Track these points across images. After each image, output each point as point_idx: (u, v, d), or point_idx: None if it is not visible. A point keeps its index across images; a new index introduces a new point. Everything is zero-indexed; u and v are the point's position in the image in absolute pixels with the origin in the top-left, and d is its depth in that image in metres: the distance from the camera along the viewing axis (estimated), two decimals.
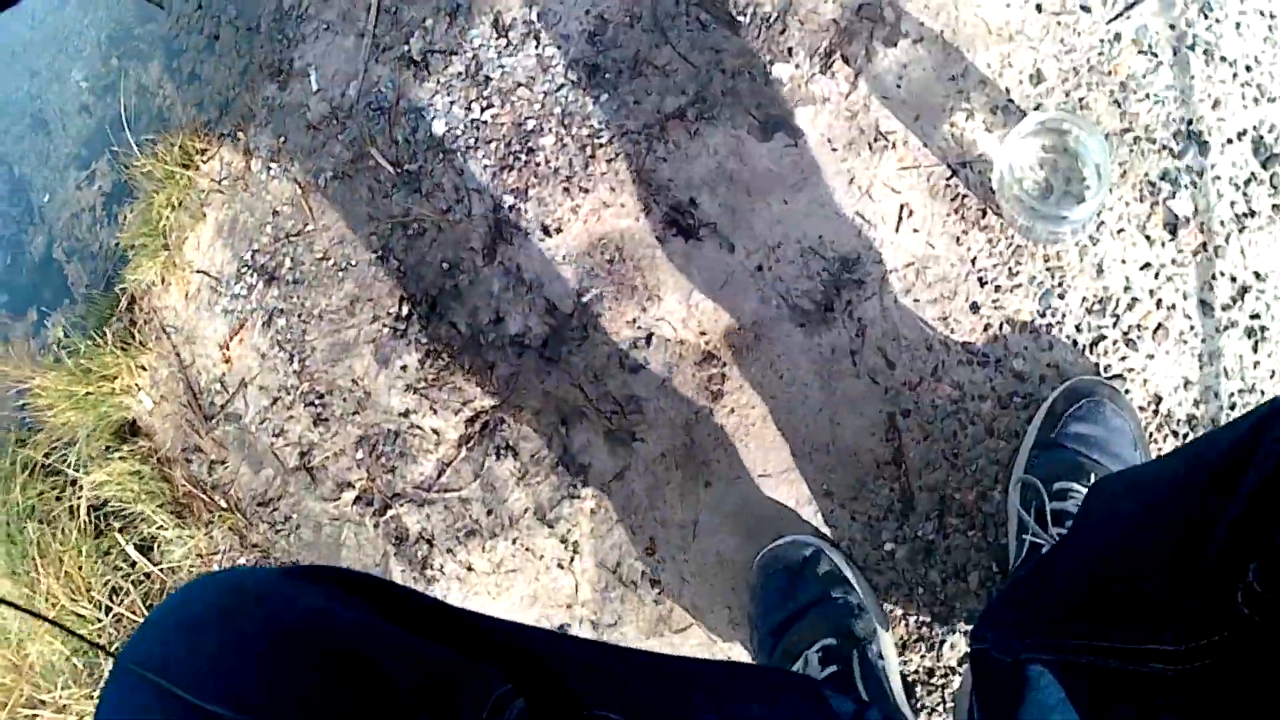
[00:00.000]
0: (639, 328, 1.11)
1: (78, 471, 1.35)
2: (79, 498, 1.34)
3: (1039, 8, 1.05)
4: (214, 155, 1.32)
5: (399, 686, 0.38)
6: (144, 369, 1.33)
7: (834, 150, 1.10)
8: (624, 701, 0.52)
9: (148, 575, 1.30)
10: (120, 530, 1.31)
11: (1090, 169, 0.99)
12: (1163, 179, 1.00)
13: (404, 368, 1.18)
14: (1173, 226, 1.01)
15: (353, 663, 0.38)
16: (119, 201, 1.46)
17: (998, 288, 1.05)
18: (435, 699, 0.40)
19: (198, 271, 1.30)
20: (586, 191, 1.13)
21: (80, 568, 1.33)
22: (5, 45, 1.80)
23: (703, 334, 1.10)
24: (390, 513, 1.16)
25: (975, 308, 1.05)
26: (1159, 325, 1.01)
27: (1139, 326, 1.01)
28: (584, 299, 1.12)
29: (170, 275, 1.32)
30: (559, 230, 1.13)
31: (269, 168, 1.27)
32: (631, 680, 0.56)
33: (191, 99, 1.40)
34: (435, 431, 1.16)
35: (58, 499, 1.38)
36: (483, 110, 1.17)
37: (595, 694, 0.50)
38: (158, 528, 1.27)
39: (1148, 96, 1.02)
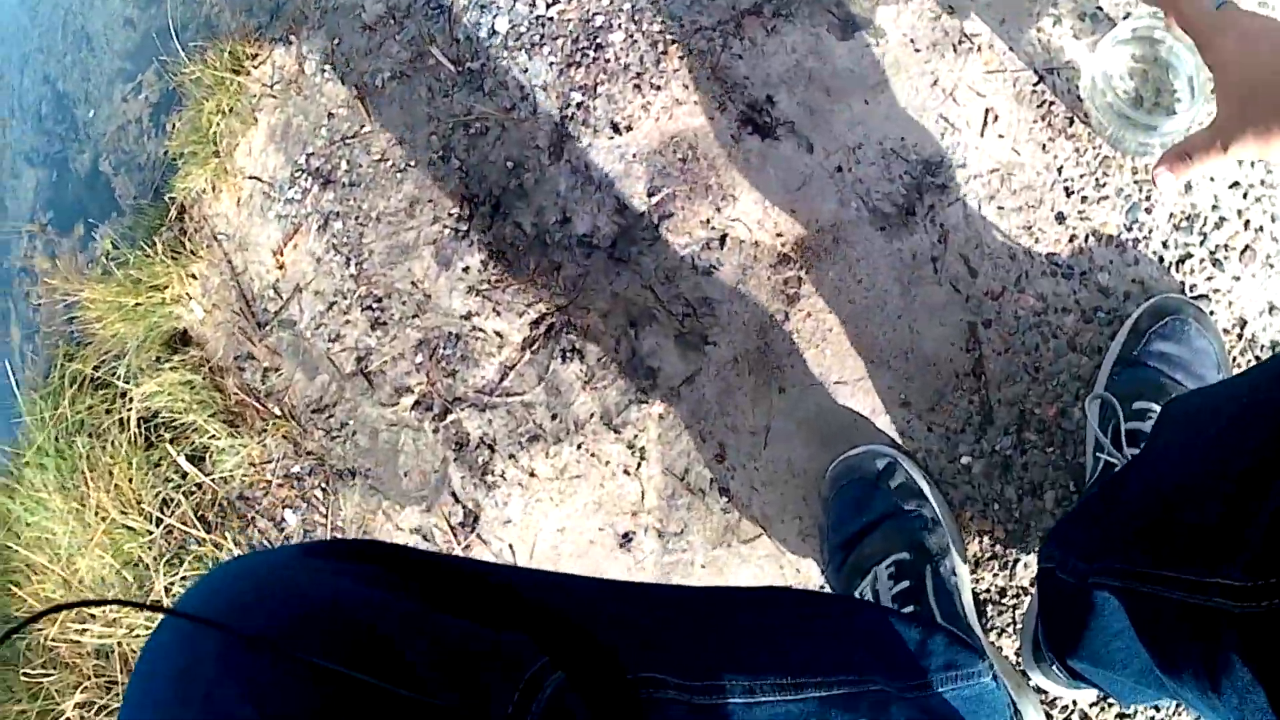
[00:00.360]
0: (713, 228, 1.07)
1: (127, 383, 1.33)
2: (129, 410, 1.32)
3: None
4: (265, 60, 1.29)
5: (417, 666, 0.37)
6: (195, 278, 1.30)
7: (917, 51, 1.05)
8: (668, 657, 0.50)
9: (199, 486, 1.28)
10: (171, 441, 1.29)
11: (1182, 81, 0.95)
12: None
13: (466, 269, 1.14)
14: None
15: (365, 644, 0.37)
16: (166, 111, 1.43)
17: (1084, 199, 1.02)
18: (460, 677, 0.38)
19: (250, 177, 1.27)
20: (658, 89, 1.09)
21: (130, 480, 1.32)
22: None
23: (779, 235, 1.06)
24: (450, 417, 1.13)
25: (1061, 218, 1.02)
26: (1246, 247, 0.98)
27: (1226, 247, 0.99)
28: (655, 198, 1.08)
29: (221, 182, 1.29)
30: (629, 128, 1.09)
31: (323, 70, 1.23)
32: (674, 631, 0.54)
33: (240, 5, 1.36)
34: (498, 334, 1.12)
35: (107, 412, 1.36)
36: (548, 6, 1.13)
37: (637, 653, 0.49)
38: (209, 438, 1.25)
39: None
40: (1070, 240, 1.01)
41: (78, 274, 1.46)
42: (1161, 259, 1.00)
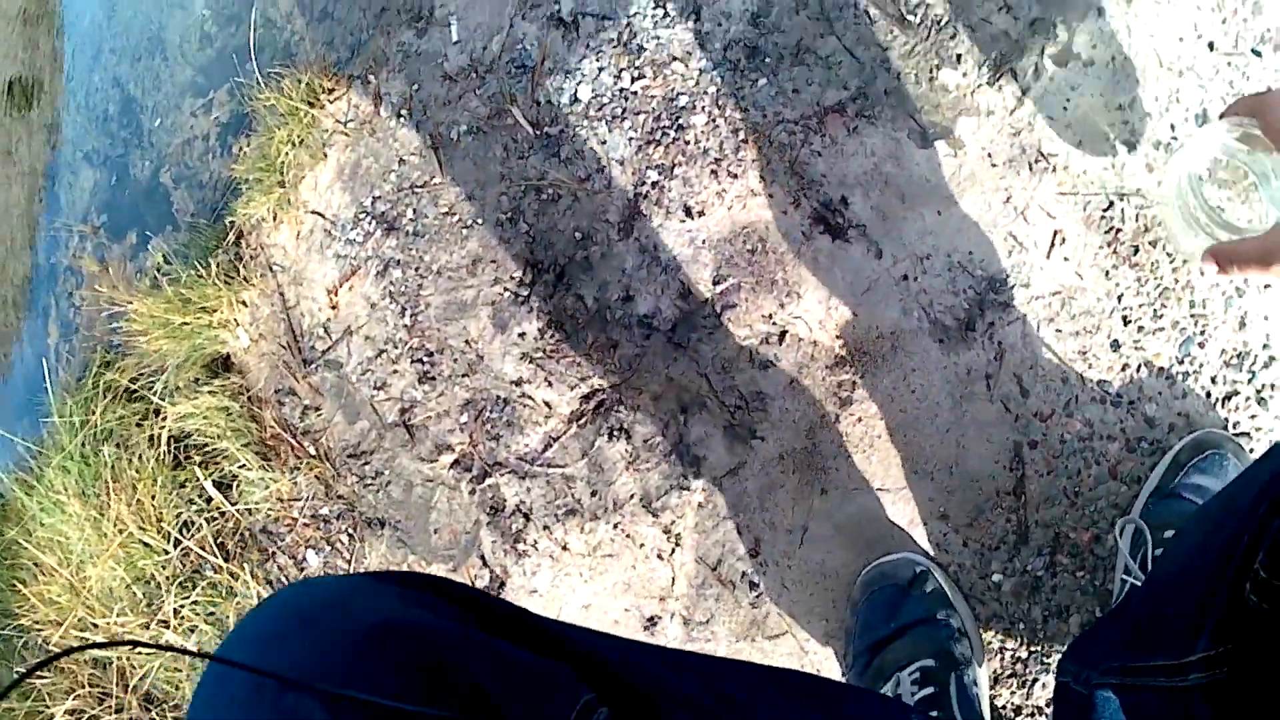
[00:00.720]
0: (774, 323, 1.07)
1: (163, 401, 1.33)
2: (161, 427, 1.32)
3: (1211, 46, 1.02)
4: (342, 96, 1.30)
5: (488, 688, 0.39)
6: (245, 305, 1.30)
7: (993, 166, 1.06)
8: (696, 714, 0.52)
9: (222, 514, 1.27)
10: (200, 465, 1.28)
11: (1272, 192, 0.94)
12: None
13: (522, 335, 1.14)
14: None
15: (440, 664, 0.39)
16: (235, 133, 1.44)
17: (1140, 328, 1.02)
18: (524, 699, 0.40)
19: (312, 212, 1.27)
20: (735, 176, 1.09)
21: (153, 497, 1.31)
22: None
23: (838, 338, 1.06)
24: (489, 481, 1.12)
25: (1116, 345, 1.02)
26: None
27: (1272, 386, 1.00)
28: (720, 287, 1.08)
29: (283, 213, 1.29)
30: (702, 213, 1.10)
31: (399, 115, 1.24)
32: (697, 688, 0.56)
33: (322, 37, 1.38)
34: (547, 404, 1.12)
35: (138, 426, 1.36)
36: (633, 80, 1.14)
37: (669, 705, 0.51)
38: (240, 467, 1.25)
39: None
40: (1123, 369, 1.02)
41: (125, 282, 1.46)
42: (1209, 394, 1.00)
